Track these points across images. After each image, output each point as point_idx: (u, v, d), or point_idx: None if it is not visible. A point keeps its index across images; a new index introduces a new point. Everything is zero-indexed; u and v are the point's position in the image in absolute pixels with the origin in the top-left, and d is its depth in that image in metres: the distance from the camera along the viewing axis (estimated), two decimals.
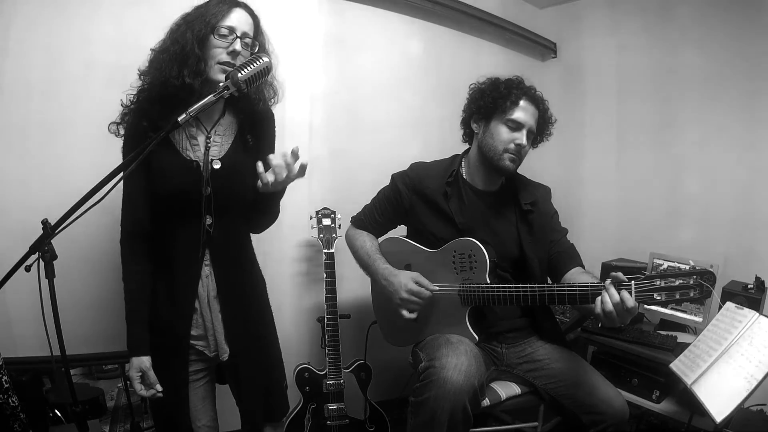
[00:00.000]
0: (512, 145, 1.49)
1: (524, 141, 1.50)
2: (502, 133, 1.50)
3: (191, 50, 1.11)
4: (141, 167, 1.15)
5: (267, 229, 1.37)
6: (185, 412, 1.24)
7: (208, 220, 1.20)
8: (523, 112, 1.49)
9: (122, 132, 1.20)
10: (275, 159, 1.15)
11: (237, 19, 1.15)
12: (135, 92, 1.19)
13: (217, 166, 1.20)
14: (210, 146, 1.21)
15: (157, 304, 1.23)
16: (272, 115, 1.33)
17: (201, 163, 1.19)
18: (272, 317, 1.40)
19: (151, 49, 1.18)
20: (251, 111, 1.26)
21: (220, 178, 1.20)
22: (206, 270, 1.23)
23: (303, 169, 1.15)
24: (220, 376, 1.34)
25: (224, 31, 1.13)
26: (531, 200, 1.58)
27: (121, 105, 1.20)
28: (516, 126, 1.49)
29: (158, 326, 1.23)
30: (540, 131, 1.57)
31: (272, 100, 1.28)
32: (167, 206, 1.18)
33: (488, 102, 1.51)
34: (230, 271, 1.25)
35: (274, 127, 1.34)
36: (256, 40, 1.19)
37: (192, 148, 1.20)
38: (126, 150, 1.19)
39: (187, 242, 1.20)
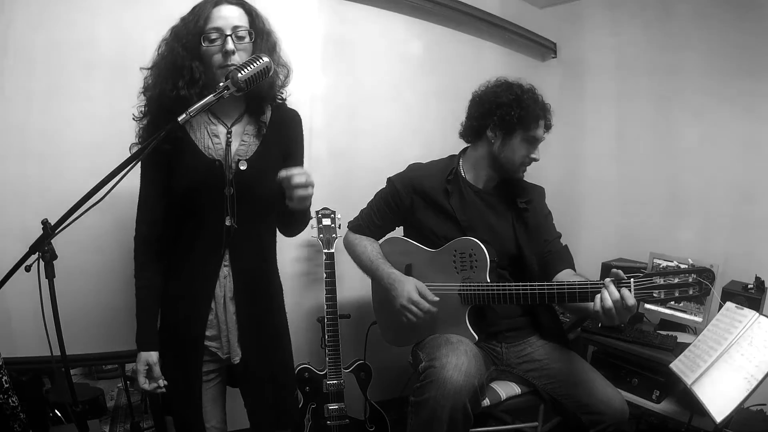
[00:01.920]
0: (528, 159, 1.55)
1: (538, 156, 1.55)
2: (522, 149, 1.53)
3: (182, 62, 1.10)
4: (161, 169, 1.15)
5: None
6: (198, 410, 1.23)
7: (230, 221, 1.17)
8: (541, 129, 1.54)
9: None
10: (296, 178, 1.10)
11: (222, 17, 1.10)
12: (142, 108, 1.18)
13: (243, 167, 1.17)
14: (230, 142, 1.19)
15: (173, 303, 1.22)
16: (299, 118, 1.31)
17: (224, 162, 1.17)
18: (287, 325, 1.38)
19: (141, 68, 1.17)
20: (275, 106, 1.24)
21: (245, 180, 1.17)
22: (225, 271, 1.21)
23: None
24: (232, 379, 1.33)
25: (213, 35, 1.10)
26: (526, 199, 1.60)
27: (134, 118, 1.19)
28: (534, 142, 1.54)
29: (173, 325, 1.22)
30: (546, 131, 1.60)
31: (286, 80, 1.24)
32: (188, 205, 1.16)
33: (513, 117, 1.50)
34: (249, 273, 1.23)
35: (302, 129, 1.32)
36: (252, 28, 1.14)
37: (214, 147, 1.18)
38: (144, 165, 1.18)
39: (207, 242, 1.18)
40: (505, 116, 1.51)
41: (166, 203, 1.19)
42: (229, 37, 1.10)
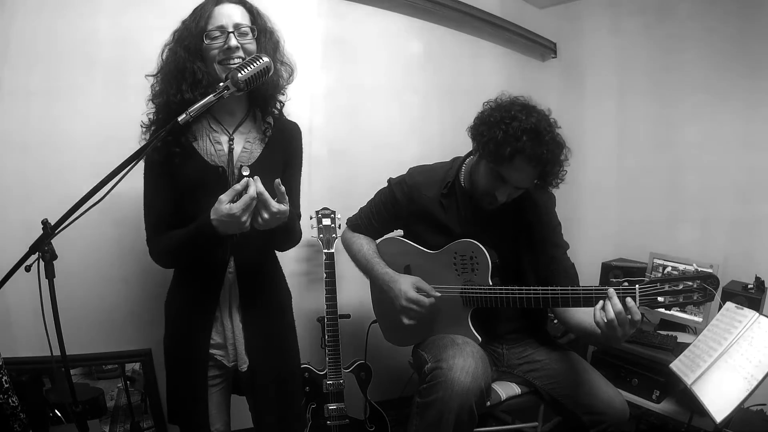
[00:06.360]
0: (490, 198, 1.41)
1: (504, 198, 1.39)
2: (486, 179, 1.39)
3: (184, 64, 1.09)
4: (166, 177, 1.14)
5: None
6: (204, 418, 1.23)
7: None
8: (515, 172, 1.32)
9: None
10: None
11: (225, 15, 1.11)
12: (152, 115, 1.17)
13: (246, 173, 1.14)
14: (233, 148, 1.18)
15: (178, 312, 1.22)
16: (300, 131, 1.31)
17: (227, 169, 1.17)
18: (295, 332, 1.37)
19: (147, 76, 1.16)
20: (274, 112, 1.23)
21: None
22: (230, 278, 1.21)
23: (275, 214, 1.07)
24: (237, 387, 1.32)
25: (215, 33, 1.10)
26: (533, 210, 1.51)
27: (141, 126, 1.18)
28: (503, 182, 1.36)
29: (179, 333, 1.22)
30: (542, 184, 1.41)
31: (290, 78, 1.24)
32: (193, 213, 1.13)
33: (483, 139, 1.35)
34: (255, 280, 1.22)
35: (302, 143, 1.31)
36: (254, 26, 1.15)
37: (217, 153, 1.17)
38: (147, 170, 1.16)
39: (211, 250, 1.16)
40: (477, 133, 1.38)
41: (173, 210, 1.17)
42: (231, 34, 1.10)
